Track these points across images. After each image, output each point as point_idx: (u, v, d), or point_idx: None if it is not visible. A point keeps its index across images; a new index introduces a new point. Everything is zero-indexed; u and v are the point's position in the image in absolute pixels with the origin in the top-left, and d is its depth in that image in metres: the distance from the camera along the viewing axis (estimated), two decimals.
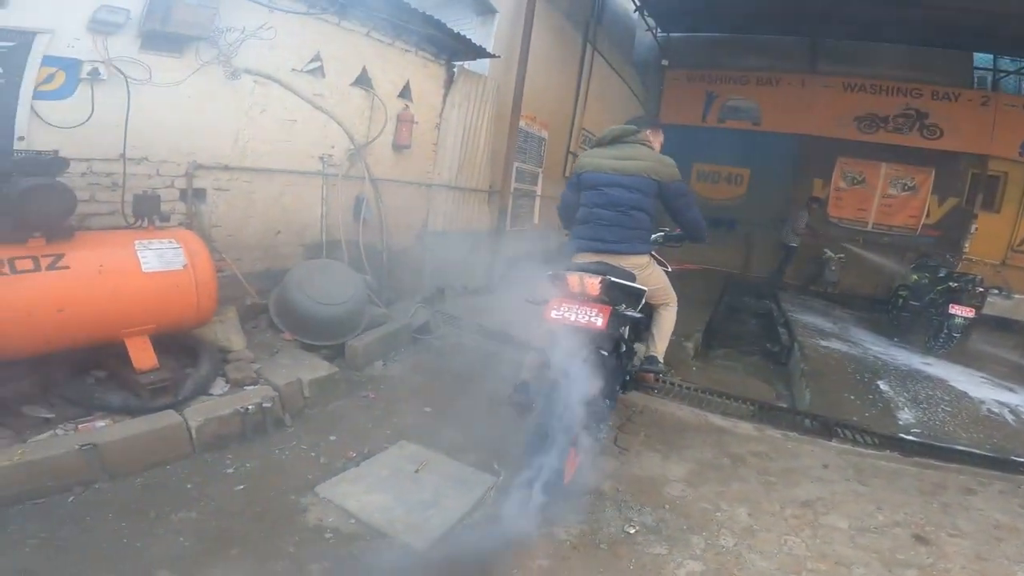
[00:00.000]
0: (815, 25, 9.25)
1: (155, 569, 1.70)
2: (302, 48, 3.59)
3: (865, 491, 2.70)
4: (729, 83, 10.87)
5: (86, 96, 2.69)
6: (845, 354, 5.71)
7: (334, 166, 4.16)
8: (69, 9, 2.49)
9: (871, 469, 2.96)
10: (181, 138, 3.19)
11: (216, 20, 2.90)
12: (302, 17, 3.47)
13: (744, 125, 11.26)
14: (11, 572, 1.62)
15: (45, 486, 2.04)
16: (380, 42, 4.15)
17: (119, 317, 2.51)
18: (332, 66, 3.83)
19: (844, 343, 6.25)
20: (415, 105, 4.69)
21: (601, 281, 2.26)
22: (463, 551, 1.89)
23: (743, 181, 12.16)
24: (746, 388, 4.41)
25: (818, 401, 4.25)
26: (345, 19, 3.78)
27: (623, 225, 2.69)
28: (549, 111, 7.12)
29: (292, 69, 3.58)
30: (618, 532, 2.20)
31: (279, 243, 4.00)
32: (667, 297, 2.97)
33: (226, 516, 2.02)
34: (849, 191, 10.67)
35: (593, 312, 2.19)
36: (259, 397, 2.75)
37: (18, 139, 2.60)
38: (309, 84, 3.73)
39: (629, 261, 2.70)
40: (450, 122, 5.20)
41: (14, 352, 2.26)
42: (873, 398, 4.42)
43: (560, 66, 7.00)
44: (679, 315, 3.09)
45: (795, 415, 3.74)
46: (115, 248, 2.55)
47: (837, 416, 3.71)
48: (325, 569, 1.80)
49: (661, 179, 2.69)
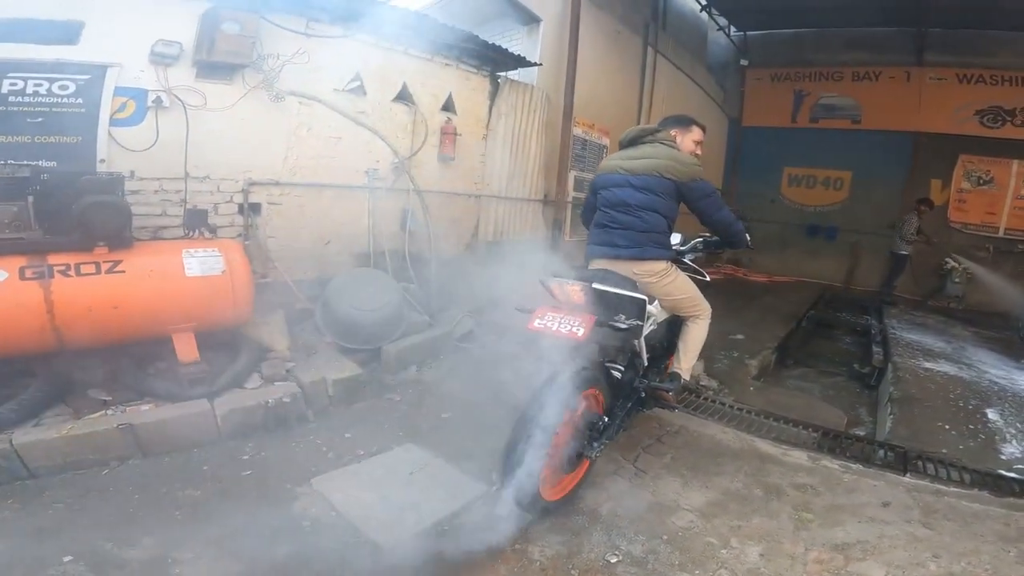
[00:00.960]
0: (919, 14, 8.17)
1: (143, 536, 1.86)
2: (342, 69, 3.86)
3: (926, 535, 2.27)
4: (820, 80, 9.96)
5: (153, 122, 3.10)
6: (952, 377, 4.83)
7: (380, 179, 4.39)
8: (132, 43, 2.90)
9: (946, 510, 2.48)
10: (237, 157, 3.55)
11: (257, 48, 3.22)
12: (339, 40, 3.74)
13: (842, 124, 10.20)
14: (29, 530, 1.86)
15: (87, 459, 2.32)
16: (418, 58, 4.35)
17: (165, 315, 2.81)
18: (372, 84, 4.07)
19: (954, 365, 5.30)
20: (459, 117, 4.82)
21: (583, 288, 2.12)
22: (424, 556, 1.83)
23: (844, 185, 10.95)
24: (811, 412, 3.88)
25: (902, 430, 3.63)
26: (382, 39, 4.01)
27: (634, 228, 2.51)
28: (609, 117, 6.95)
29: (334, 89, 3.86)
30: (597, 559, 2.02)
31: (329, 253, 4.27)
32: (696, 309, 2.71)
33: (225, 497, 2.16)
34: (974, 192, 9.18)
35: (576, 322, 2.06)
36: (282, 392, 2.93)
37: (100, 161, 3.06)
38: (351, 102, 3.99)
39: (641, 267, 2.51)
40: (497, 133, 5.26)
41: (78, 342, 2.62)
42: (975, 428, 3.69)
43: (618, 71, 6.84)
44: (747, 332, 2.83)
45: (866, 445, 3.24)
46: (165, 255, 2.88)
47: (921, 447, 3.15)
48: (289, 552, 1.85)
49: (677, 178, 2.46)
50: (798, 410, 3.95)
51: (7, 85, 2.59)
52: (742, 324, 6.07)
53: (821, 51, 9.87)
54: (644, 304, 2.28)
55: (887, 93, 9.35)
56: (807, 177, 11.27)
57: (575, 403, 2.13)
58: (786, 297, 8.46)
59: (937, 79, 8.93)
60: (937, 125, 8.96)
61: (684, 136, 2.68)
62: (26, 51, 2.63)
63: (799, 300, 8.24)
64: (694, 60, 8.93)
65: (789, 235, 11.21)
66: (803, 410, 4.03)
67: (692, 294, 2.69)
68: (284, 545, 1.88)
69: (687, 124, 2.71)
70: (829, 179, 11.03)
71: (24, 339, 2.44)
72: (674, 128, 2.69)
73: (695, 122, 2.74)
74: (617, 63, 6.75)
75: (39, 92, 2.68)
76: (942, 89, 8.88)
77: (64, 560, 1.75)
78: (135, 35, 2.92)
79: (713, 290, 2.91)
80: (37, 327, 2.45)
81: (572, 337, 2.03)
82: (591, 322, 2.05)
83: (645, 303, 2.29)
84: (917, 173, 9.65)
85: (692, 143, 2.69)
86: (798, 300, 8.22)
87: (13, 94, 2.62)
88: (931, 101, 8.92)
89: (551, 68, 5.55)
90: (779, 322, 6.60)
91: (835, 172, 10.83)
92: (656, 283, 2.54)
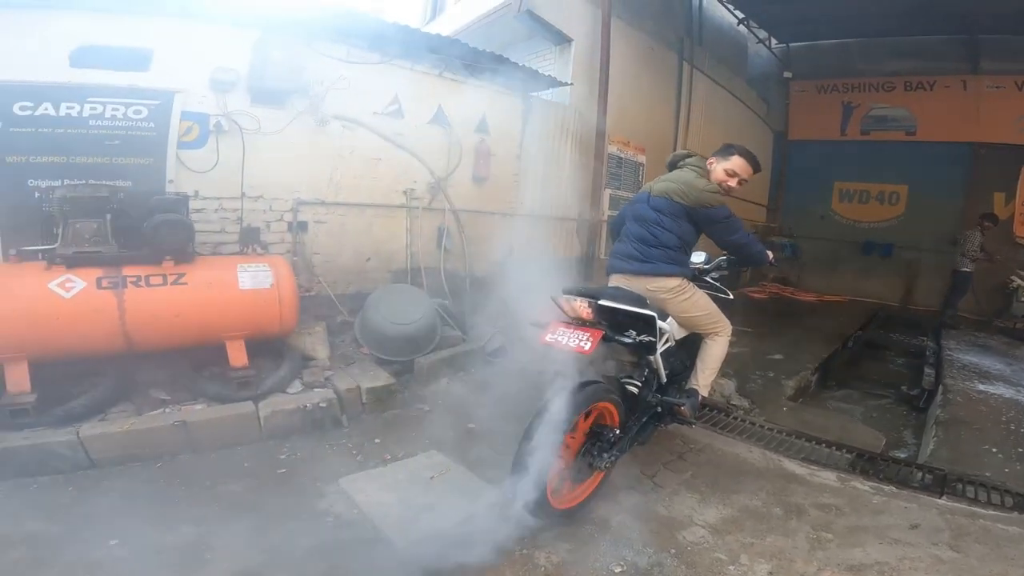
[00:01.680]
0: (971, 21, 7.79)
1: (182, 524, 2.04)
2: (381, 93, 4.12)
3: (951, 558, 2.18)
4: (869, 91, 9.60)
5: (214, 145, 3.43)
6: (1007, 400, 4.51)
7: (416, 199, 4.61)
8: (195, 70, 3.24)
9: (978, 533, 2.37)
10: (287, 178, 3.85)
11: (304, 74, 3.51)
12: (378, 66, 4.01)
13: (896, 136, 9.76)
14: (83, 515, 2.09)
15: (143, 452, 2.56)
16: (453, 81, 4.58)
17: (220, 323, 3.07)
18: (409, 107, 4.32)
19: (1012, 388, 4.93)
20: (492, 137, 5.00)
21: (590, 304, 2.19)
22: (434, 555, 1.91)
23: (900, 199, 10.42)
24: (846, 433, 3.72)
25: (944, 452, 3.45)
26: (418, 63, 4.26)
27: (647, 243, 2.59)
28: (645, 135, 6.98)
29: (374, 112, 4.12)
30: (601, 568, 2.03)
31: (369, 268, 4.51)
32: (714, 326, 2.71)
33: (260, 492, 2.33)
34: None
35: (584, 336, 2.13)
36: (320, 398, 3.11)
37: (168, 182, 3.40)
38: (390, 125, 4.24)
39: (655, 284, 2.56)
40: (530, 152, 5.41)
41: (144, 346, 2.90)
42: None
43: (653, 88, 6.88)
44: (787, 352, 2.79)
45: (903, 467, 3.10)
46: (222, 270, 3.15)
47: (963, 470, 2.99)
48: (310, 545, 1.98)
49: (687, 203, 2.52)
50: (833, 431, 3.81)
51: (88, 108, 2.94)
52: (783, 344, 5.89)
53: (869, 61, 9.52)
54: (653, 320, 2.31)
55: (943, 103, 8.91)
56: (860, 192, 10.80)
57: (582, 415, 2.18)
58: (834, 317, 8.10)
59: (995, 87, 8.44)
60: (998, 135, 8.45)
61: (719, 164, 2.67)
62: (102, 76, 2.99)
63: (848, 320, 7.87)
64: (733, 74, 8.83)
65: (841, 252, 10.74)
66: (838, 431, 3.88)
67: (709, 311, 2.69)
68: (307, 538, 2.01)
69: (727, 153, 2.68)
70: (883, 194, 10.53)
71: (98, 342, 2.73)
72: (714, 156, 2.71)
73: (741, 153, 2.67)
74: (651, 80, 6.80)
75: (116, 116, 3.04)
76: (1001, 98, 8.39)
77: (110, 543, 1.94)
78: (197, 62, 3.25)
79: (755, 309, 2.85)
80: (110, 331, 2.74)
81: (579, 351, 2.10)
82: (598, 337, 2.11)
83: (654, 319, 2.32)
84: (978, 186, 9.09)
85: (723, 172, 2.65)
86: (847, 320, 7.85)
87: (94, 117, 2.99)
88: (990, 110, 8.43)
89: (583, 87, 5.68)
90: (822, 342, 6.34)
91: (890, 186, 10.34)
92: (671, 300, 2.58)
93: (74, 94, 2.94)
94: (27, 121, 2.87)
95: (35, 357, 2.64)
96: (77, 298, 2.67)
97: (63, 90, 2.91)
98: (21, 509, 2.11)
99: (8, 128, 2.84)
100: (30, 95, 2.84)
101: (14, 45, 2.79)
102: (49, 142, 2.98)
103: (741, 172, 2.65)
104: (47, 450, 2.41)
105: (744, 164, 2.65)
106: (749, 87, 9.47)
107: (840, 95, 9.89)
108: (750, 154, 2.68)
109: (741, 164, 2.65)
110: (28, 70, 2.81)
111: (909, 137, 9.46)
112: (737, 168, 2.64)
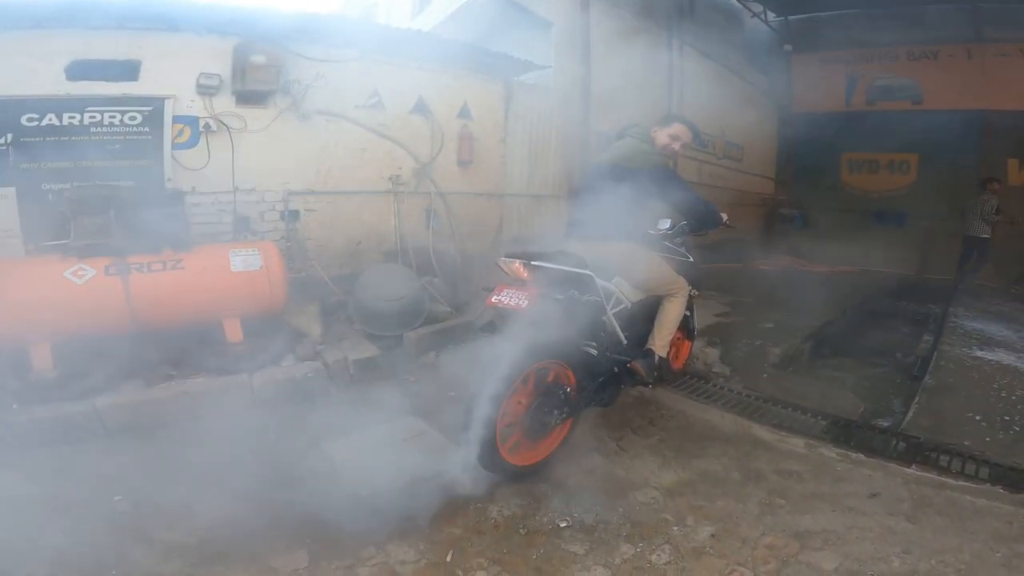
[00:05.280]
0: None
1: (179, 484, 2.33)
2: (361, 87, 4.36)
3: (905, 529, 2.17)
4: (873, 61, 9.45)
5: (205, 144, 3.73)
6: (1003, 367, 4.38)
7: (403, 184, 4.85)
8: (182, 77, 3.54)
9: (942, 504, 2.36)
10: (276, 171, 4.14)
11: (283, 75, 3.77)
12: (356, 62, 4.24)
13: (902, 105, 9.54)
14: (94, 476, 2.40)
15: (152, 421, 2.89)
16: (432, 71, 4.78)
17: (216, 303, 3.38)
18: (390, 99, 4.55)
19: (1014, 354, 4.81)
20: (475, 123, 5.19)
21: (524, 265, 2.35)
22: (393, 503, 2.13)
23: (910, 168, 10.22)
24: (825, 400, 3.73)
25: (924, 420, 3.33)
26: (395, 57, 4.47)
27: (598, 211, 2.73)
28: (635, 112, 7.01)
29: (355, 106, 4.36)
30: (548, 523, 2.17)
31: (360, 251, 4.79)
32: (669, 287, 2.87)
33: (249, 455, 2.60)
34: None
35: (521, 296, 2.29)
36: (308, 369, 3.41)
37: (167, 180, 3.72)
38: (372, 116, 4.48)
39: (605, 248, 2.70)
40: (515, 134, 5.59)
41: (150, 325, 3.23)
42: (1011, 420, 3.35)
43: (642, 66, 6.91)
44: (780, 320, 2.88)
45: (879, 434, 3.07)
46: (216, 255, 3.45)
47: (942, 439, 2.95)
48: (287, 498, 2.23)
49: (635, 166, 2.68)
50: (812, 398, 3.81)
51: (88, 117, 3.27)
52: (778, 313, 5.89)
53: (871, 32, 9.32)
54: (591, 280, 2.47)
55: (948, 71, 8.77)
56: (869, 162, 10.63)
57: (532, 371, 2.33)
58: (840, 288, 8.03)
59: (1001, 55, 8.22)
60: (1007, 102, 8.24)
61: (661, 131, 2.89)
62: (98, 88, 3.31)
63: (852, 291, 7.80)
64: (729, 49, 8.75)
65: (853, 223, 10.57)
66: (817, 398, 3.89)
67: (663, 273, 2.85)
68: (284, 492, 2.27)
69: (668, 122, 2.93)
70: (894, 163, 10.34)
71: (109, 322, 3.08)
72: (656, 125, 2.92)
73: (679, 120, 2.95)
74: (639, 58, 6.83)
75: (114, 123, 3.36)
76: (1009, 64, 8.23)
77: (114, 499, 2.24)
78: (183, 70, 3.56)
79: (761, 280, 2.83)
80: (119, 312, 3.08)
81: (517, 309, 2.27)
82: (534, 295, 2.28)
83: (592, 279, 2.47)
84: (990, 152, 8.87)
85: (666, 137, 2.88)
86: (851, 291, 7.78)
87: (93, 125, 3.31)
88: (998, 77, 8.27)
89: (566, 69, 5.80)
90: (820, 311, 6.33)
91: (900, 155, 10.15)
92: (622, 263, 2.74)
93: (74, 105, 3.26)
94: (35, 131, 3.21)
95: (55, 337, 3.00)
96: (89, 284, 3.01)
97: (64, 102, 3.24)
98: (44, 473, 2.41)
99: (19, 138, 3.18)
100: (35, 108, 3.18)
101: (16, 63, 3.12)
102: (56, 149, 3.32)
103: (682, 136, 2.87)
104: (68, 420, 2.76)
105: (684, 129, 2.88)
106: (747, 62, 9.35)
107: (843, 67, 9.74)
108: (688, 120, 2.92)
109: (682, 129, 2.88)
110: (30, 85, 3.15)
111: (916, 106, 9.26)
112: (679, 133, 2.87)
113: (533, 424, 2.41)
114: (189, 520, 2.12)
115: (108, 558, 1.91)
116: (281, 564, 1.92)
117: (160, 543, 2.01)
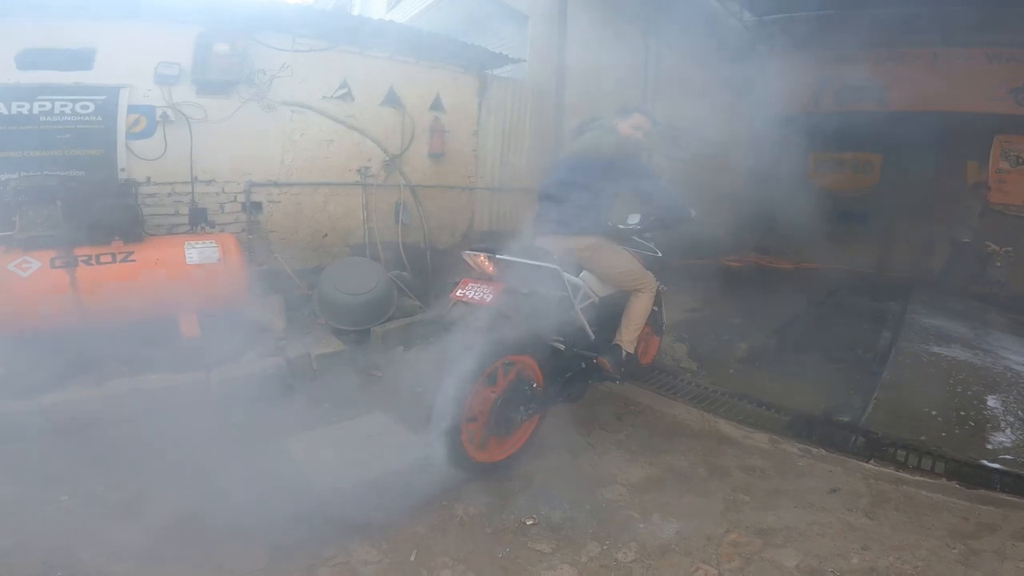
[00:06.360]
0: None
1: (129, 481, 2.27)
2: (329, 77, 4.26)
3: (864, 525, 2.22)
4: (842, 63, 9.63)
5: (162, 134, 3.59)
6: (960, 363, 4.58)
7: (372, 176, 4.77)
8: (139, 66, 3.41)
9: (899, 500, 2.42)
10: (238, 162, 4.02)
11: (247, 65, 3.65)
12: (324, 52, 4.14)
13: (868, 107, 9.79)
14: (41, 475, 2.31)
15: (102, 419, 2.80)
16: (404, 63, 4.70)
17: (170, 296, 3.28)
18: (360, 90, 4.45)
19: (969, 351, 5.01)
20: (448, 115, 5.13)
21: (489, 259, 2.33)
22: (356, 501, 2.10)
23: (874, 169, 10.51)
24: (788, 396, 3.84)
25: (882, 415, 3.44)
26: (367, 48, 4.38)
27: (564, 205, 2.71)
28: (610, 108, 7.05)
29: (323, 97, 4.26)
30: (515, 520, 2.16)
31: (327, 244, 4.70)
32: (636, 283, 2.86)
33: (206, 454, 2.52)
34: (1015, 173, 8.68)
35: (486, 290, 2.28)
36: (270, 365, 3.35)
37: (121, 170, 3.58)
38: (340, 108, 4.38)
39: (572, 243, 2.70)
40: (489, 128, 5.54)
41: (99, 319, 3.12)
42: (967, 416, 3.47)
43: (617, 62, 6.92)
44: (747, 316, 2.89)
45: (838, 429, 3.17)
46: (170, 247, 3.35)
47: (899, 434, 3.03)
48: (245, 498, 2.15)
49: (601, 156, 2.68)
50: (775, 393, 3.92)
51: (37, 106, 3.12)
52: (745, 310, 6.03)
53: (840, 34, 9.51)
54: (558, 274, 2.46)
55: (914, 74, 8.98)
56: (834, 162, 10.88)
57: (499, 366, 2.32)
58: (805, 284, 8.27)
59: (966, 59, 8.51)
60: (970, 105, 8.52)
61: (622, 122, 2.93)
62: (49, 77, 3.17)
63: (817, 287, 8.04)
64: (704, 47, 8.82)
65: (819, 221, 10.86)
66: (780, 393, 4.00)
67: (630, 268, 2.85)
68: (242, 491, 2.20)
69: (627, 113, 2.99)
70: (858, 162, 10.63)
71: (55, 317, 2.96)
72: (616, 117, 2.95)
73: (638, 110, 3.01)
74: (614, 54, 6.84)
75: (65, 112, 3.21)
76: (972, 68, 8.49)
77: (61, 499, 2.16)
78: (140, 59, 3.42)
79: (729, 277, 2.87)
80: (65, 306, 2.96)
81: (482, 303, 2.25)
82: (499, 289, 2.27)
83: (559, 273, 2.47)
84: (951, 155, 9.21)
85: (629, 127, 2.92)
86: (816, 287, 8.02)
87: (43, 114, 3.16)
88: (961, 81, 8.52)
89: (542, 63, 5.77)
90: (785, 307, 6.50)
91: (864, 155, 10.46)
92: (589, 258, 2.73)
93: (23, 94, 3.12)
94: None
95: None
96: (33, 277, 2.89)
97: (12, 90, 3.10)
98: None
99: None
100: None
101: None
102: (4, 138, 3.16)
103: (643, 125, 2.95)
104: (11, 419, 2.65)
105: (644, 119, 2.97)
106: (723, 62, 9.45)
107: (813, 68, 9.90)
108: (646, 109, 3.02)
109: (641, 119, 2.96)
110: None
111: (881, 108, 9.51)
112: (640, 123, 2.95)
113: (499, 420, 2.39)
114: (140, 520, 2.07)
115: (55, 559, 1.86)
116: (237, 565, 1.88)
117: (109, 543, 1.95)
